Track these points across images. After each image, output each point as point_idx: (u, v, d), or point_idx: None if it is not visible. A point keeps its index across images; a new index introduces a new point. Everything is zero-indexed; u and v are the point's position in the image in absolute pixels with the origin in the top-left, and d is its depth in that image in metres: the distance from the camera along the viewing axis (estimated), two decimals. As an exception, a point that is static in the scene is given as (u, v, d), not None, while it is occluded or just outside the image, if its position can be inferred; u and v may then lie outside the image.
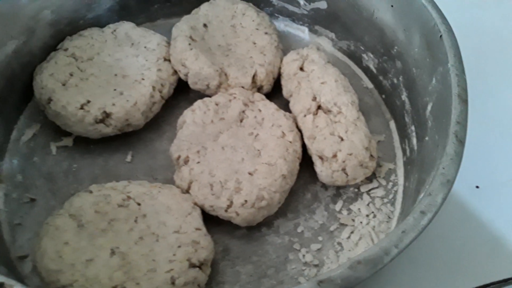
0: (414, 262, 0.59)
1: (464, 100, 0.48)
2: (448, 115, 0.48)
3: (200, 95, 0.69)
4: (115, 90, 0.65)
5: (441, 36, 0.53)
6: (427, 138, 0.55)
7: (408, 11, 0.60)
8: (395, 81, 0.67)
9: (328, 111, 0.62)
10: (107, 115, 0.63)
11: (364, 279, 0.38)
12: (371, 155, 0.60)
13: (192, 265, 0.52)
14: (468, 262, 0.61)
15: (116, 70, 0.67)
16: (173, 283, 0.50)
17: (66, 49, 0.68)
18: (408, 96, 0.64)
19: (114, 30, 0.71)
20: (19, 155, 0.65)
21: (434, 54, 0.55)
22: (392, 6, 0.63)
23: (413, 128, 0.63)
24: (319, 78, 0.64)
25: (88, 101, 0.62)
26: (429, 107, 0.56)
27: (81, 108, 0.62)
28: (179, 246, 0.53)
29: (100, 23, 0.73)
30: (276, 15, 0.80)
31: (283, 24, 0.80)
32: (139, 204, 0.56)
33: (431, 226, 0.42)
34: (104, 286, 0.49)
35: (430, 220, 0.41)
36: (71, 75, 0.65)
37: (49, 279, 0.50)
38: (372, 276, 0.38)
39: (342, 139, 0.60)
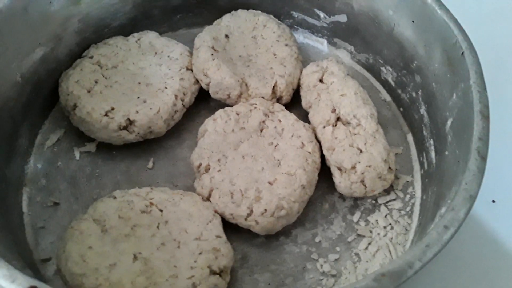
0: (430, 275, 0.60)
1: (486, 117, 0.48)
2: (469, 131, 0.49)
3: (220, 104, 0.70)
4: (138, 98, 0.66)
5: (462, 53, 0.54)
6: (447, 153, 0.56)
7: (429, 27, 0.61)
8: (414, 94, 0.68)
9: (347, 123, 0.63)
10: (130, 122, 0.64)
11: (388, 292, 0.39)
12: (390, 168, 0.61)
13: (213, 272, 0.53)
14: (483, 276, 0.61)
15: (140, 78, 0.68)
16: (194, 289, 0.51)
17: (91, 57, 0.69)
18: (427, 110, 0.64)
19: (138, 39, 0.73)
20: (43, 159, 0.66)
21: (455, 70, 0.55)
22: (413, 21, 0.64)
23: (431, 141, 0.63)
24: (339, 90, 0.65)
25: (113, 108, 0.64)
26: (449, 122, 0.57)
27: (106, 115, 0.63)
28: (200, 253, 0.54)
29: (124, 31, 0.74)
30: (296, 27, 0.81)
31: (302, 36, 0.81)
32: (161, 211, 0.57)
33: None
34: (126, 291, 0.50)
35: (453, 234, 0.41)
36: (96, 82, 0.67)
37: (73, 282, 0.51)
38: (394, 289, 0.39)
39: (361, 151, 0.60)
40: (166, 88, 0.67)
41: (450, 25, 0.57)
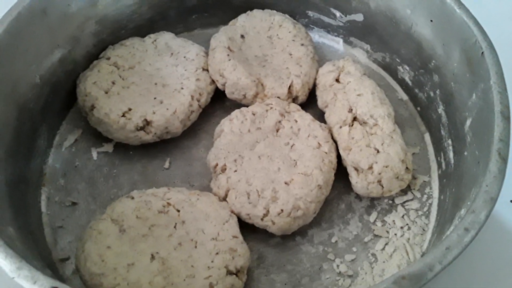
0: (450, 276, 0.59)
1: (506, 118, 0.48)
2: (490, 131, 0.48)
3: (236, 104, 0.70)
4: (155, 98, 0.66)
5: (482, 53, 0.53)
6: (466, 153, 0.55)
7: (448, 26, 0.60)
8: (432, 94, 0.67)
9: (364, 123, 0.63)
10: (147, 122, 0.64)
11: (408, 295, 0.38)
12: (407, 168, 0.61)
13: (230, 272, 0.53)
14: (503, 276, 0.61)
15: (156, 79, 0.69)
16: (211, 289, 0.52)
17: (108, 58, 0.70)
18: (445, 109, 0.64)
19: (155, 40, 0.73)
20: (62, 159, 0.67)
21: (474, 70, 0.55)
22: (431, 21, 0.63)
23: (449, 141, 0.63)
24: (356, 90, 0.65)
25: (130, 109, 0.64)
26: (468, 122, 0.56)
27: (123, 115, 0.64)
28: (217, 253, 0.54)
29: (140, 32, 0.75)
30: (311, 26, 0.81)
31: (317, 35, 0.81)
32: (178, 211, 0.57)
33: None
34: (144, 291, 0.51)
35: (474, 237, 0.41)
36: (113, 83, 0.67)
37: (92, 282, 0.52)
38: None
39: (378, 151, 0.60)
40: (182, 88, 0.68)
41: (469, 25, 0.56)
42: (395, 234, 0.61)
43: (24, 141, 0.61)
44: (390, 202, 0.64)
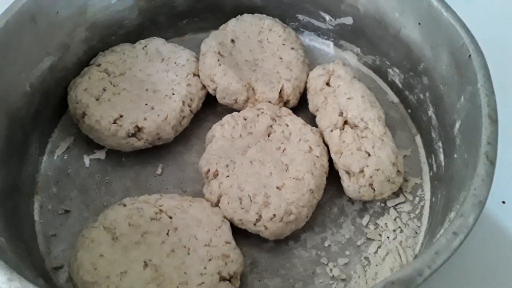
0: (442, 277, 0.60)
1: (494, 121, 0.48)
2: (478, 134, 0.48)
3: (227, 108, 0.70)
4: (146, 104, 0.66)
5: (470, 56, 0.53)
6: (455, 156, 0.56)
7: (435, 29, 0.61)
8: (422, 96, 0.67)
9: (355, 126, 0.63)
10: (139, 129, 0.64)
11: (398, 299, 0.39)
12: (398, 171, 0.61)
13: (223, 278, 0.53)
14: (495, 276, 0.61)
15: (147, 85, 0.69)
16: (204, 296, 0.52)
17: (99, 65, 0.70)
18: (435, 112, 0.64)
19: (145, 46, 0.73)
20: (54, 167, 0.67)
21: (462, 73, 0.55)
22: (419, 24, 0.63)
23: (440, 144, 0.63)
24: (346, 93, 0.65)
25: (121, 116, 0.64)
26: (457, 125, 0.57)
27: (114, 122, 0.64)
28: (210, 260, 0.54)
29: (130, 38, 0.75)
30: (301, 29, 0.81)
31: (308, 39, 0.81)
32: (170, 218, 0.57)
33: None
34: (138, 298, 0.51)
35: (462, 241, 0.41)
36: (104, 90, 0.67)
37: (85, 290, 0.52)
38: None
39: (369, 155, 0.60)
40: (173, 94, 0.68)
41: (456, 28, 0.57)
42: (388, 237, 0.61)
43: (16, 149, 0.61)
44: (382, 205, 0.64)
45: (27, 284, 0.41)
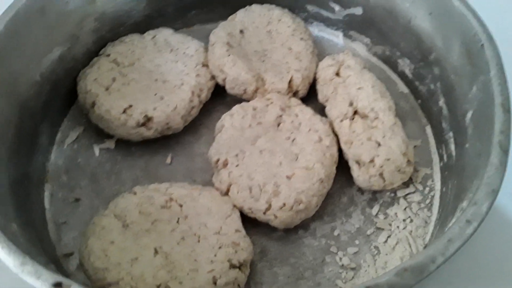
0: (453, 268, 0.60)
1: (507, 110, 0.48)
2: (490, 124, 0.48)
3: (236, 99, 0.70)
4: (155, 94, 0.66)
5: (482, 45, 0.53)
6: (467, 145, 0.55)
7: (447, 19, 0.60)
8: (432, 87, 0.67)
9: (365, 116, 0.63)
10: (148, 119, 0.64)
11: (410, 286, 0.39)
12: (408, 160, 0.61)
13: (233, 266, 0.54)
14: (507, 267, 0.61)
15: (156, 76, 0.69)
16: (214, 283, 0.52)
17: (108, 55, 0.70)
18: (446, 102, 0.64)
19: (154, 36, 0.73)
20: (64, 156, 0.67)
21: (474, 62, 0.55)
22: (430, 13, 0.63)
23: (451, 134, 0.63)
24: (356, 83, 0.65)
25: (130, 106, 0.65)
26: (469, 115, 0.56)
27: (124, 112, 0.64)
28: (220, 247, 0.54)
29: (139, 29, 0.75)
30: (310, 20, 0.80)
31: (317, 29, 0.81)
32: (181, 206, 0.58)
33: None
34: (148, 285, 0.51)
35: (476, 229, 0.41)
36: (114, 80, 0.67)
37: (96, 277, 0.52)
38: (417, 284, 0.39)
39: (379, 144, 0.60)
40: (182, 84, 0.68)
41: (468, 17, 0.56)
42: (398, 227, 0.61)
43: (26, 139, 0.62)
44: (392, 195, 0.64)
45: (40, 268, 0.41)
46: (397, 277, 0.38)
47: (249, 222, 0.59)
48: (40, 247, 0.54)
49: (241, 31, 0.74)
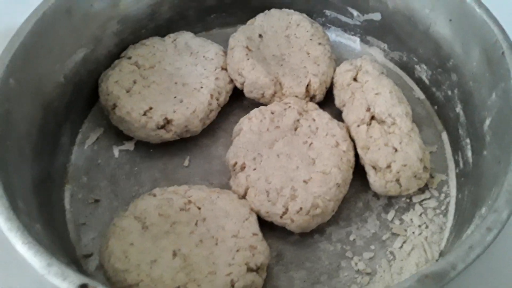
0: (472, 275, 0.59)
1: (527, 117, 0.48)
2: (510, 131, 0.48)
3: (254, 103, 0.71)
4: (175, 97, 0.67)
5: (503, 52, 0.53)
6: (485, 153, 0.56)
7: (467, 26, 0.60)
8: (449, 93, 0.67)
9: (382, 122, 0.63)
10: (168, 121, 0.65)
11: (431, 293, 0.39)
12: (425, 167, 0.61)
13: (250, 269, 0.54)
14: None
15: (176, 78, 0.70)
16: (232, 286, 0.52)
17: (129, 57, 0.71)
18: (463, 108, 0.64)
19: (174, 40, 0.74)
20: (84, 157, 0.69)
21: (494, 69, 0.55)
22: (450, 20, 0.63)
23: (468, 140, 0.63)
24: (373, 89, 0.65)
25: (151, 108, 0.65)
26: (487, 122, 0.56)
27: (144, 114, 0.65)
28: (238, 250, 0.55)
29: (160, 32, 0.76)
30: (328, 25, 0.81)
31: (334, 34, 0.81)
32: (199, 208, 0.58)
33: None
34: (167, 287, 0.52)
35: (496, 236, 0.42)
36: (135, 82, 0.68)
37: (116, 278, 0.53)
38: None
39: (396, 150, 0.61)
40: (202, 87, 0.69)
41: (489, 24, 0.56)
42: (413, 233, 0.61)
43: (49, 139, 0.63)
44: (408, 200, 0.64)
45: (66, 269, 0.42)
46: (418, 284, 0.38)
47: (266, 226, 0.59)
48: (61, 247, 0.55)
49: (260, 35, 0.74)
